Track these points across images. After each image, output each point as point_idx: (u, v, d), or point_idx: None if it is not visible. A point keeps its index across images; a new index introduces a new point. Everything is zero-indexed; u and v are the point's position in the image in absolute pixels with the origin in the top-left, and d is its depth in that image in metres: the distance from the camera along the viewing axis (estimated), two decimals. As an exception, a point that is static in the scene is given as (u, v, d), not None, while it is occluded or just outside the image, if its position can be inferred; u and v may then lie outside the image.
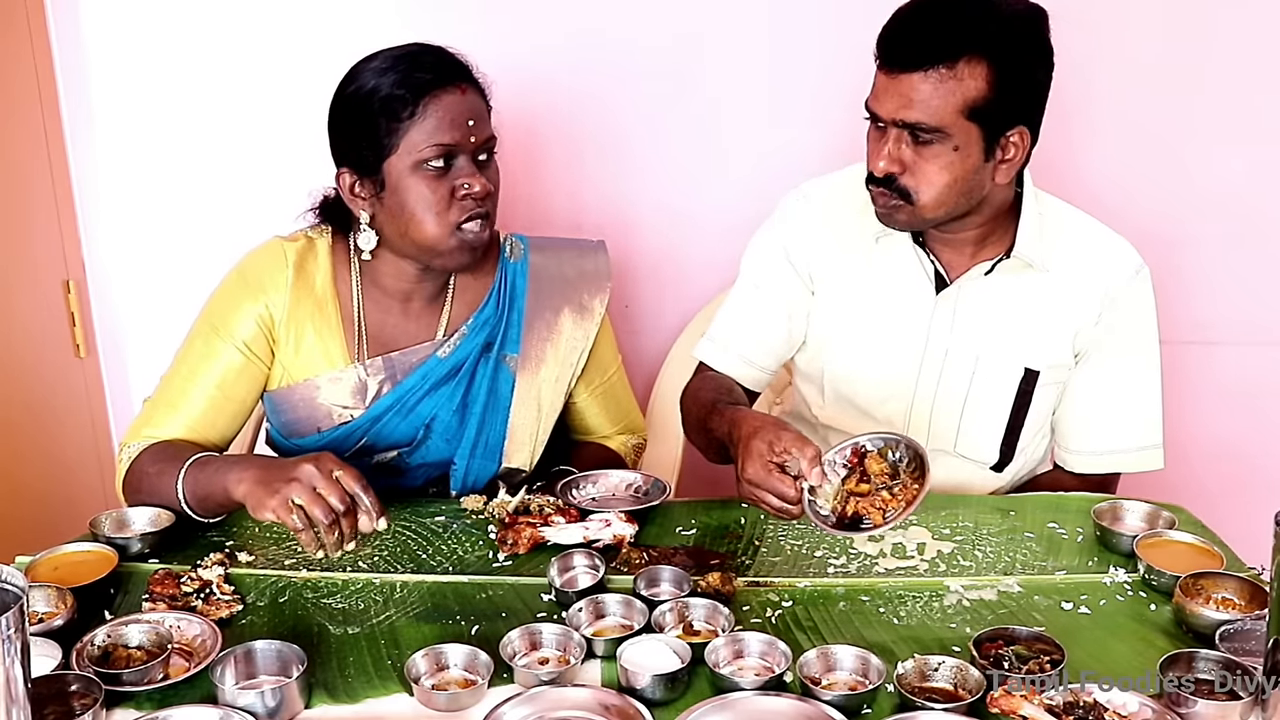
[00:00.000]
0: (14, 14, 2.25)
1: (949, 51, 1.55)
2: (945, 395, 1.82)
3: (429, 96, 1.58)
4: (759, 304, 1.87)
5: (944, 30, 1.55)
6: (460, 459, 1.78)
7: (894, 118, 1.59)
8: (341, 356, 1.73)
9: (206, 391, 1.69)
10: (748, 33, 2.33)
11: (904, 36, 1.57)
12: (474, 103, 1.62)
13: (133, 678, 1.25)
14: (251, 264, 1.73)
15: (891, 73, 1.58)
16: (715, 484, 2.01)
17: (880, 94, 1.60)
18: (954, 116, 1.57)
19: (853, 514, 1.46)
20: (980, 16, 1.56)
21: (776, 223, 1.87)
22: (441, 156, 1.59)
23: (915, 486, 1.43)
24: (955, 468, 1.86)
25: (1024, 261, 1.74)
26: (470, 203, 1.62)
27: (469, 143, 1.61)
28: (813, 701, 1.22)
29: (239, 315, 1.70)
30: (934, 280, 1.78)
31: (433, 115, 1.58)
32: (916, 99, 1.57)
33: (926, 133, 1.59)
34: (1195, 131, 2.34)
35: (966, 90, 1.56)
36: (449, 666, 1.30)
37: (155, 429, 1.69)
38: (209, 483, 1.55)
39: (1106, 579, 1.51)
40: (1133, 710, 1.19)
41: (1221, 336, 2.47)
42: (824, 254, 1.82)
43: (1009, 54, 1.56)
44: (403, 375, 1.74)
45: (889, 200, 1.65)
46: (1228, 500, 1.99)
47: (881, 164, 1.62)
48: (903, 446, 1.49)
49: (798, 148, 2.35)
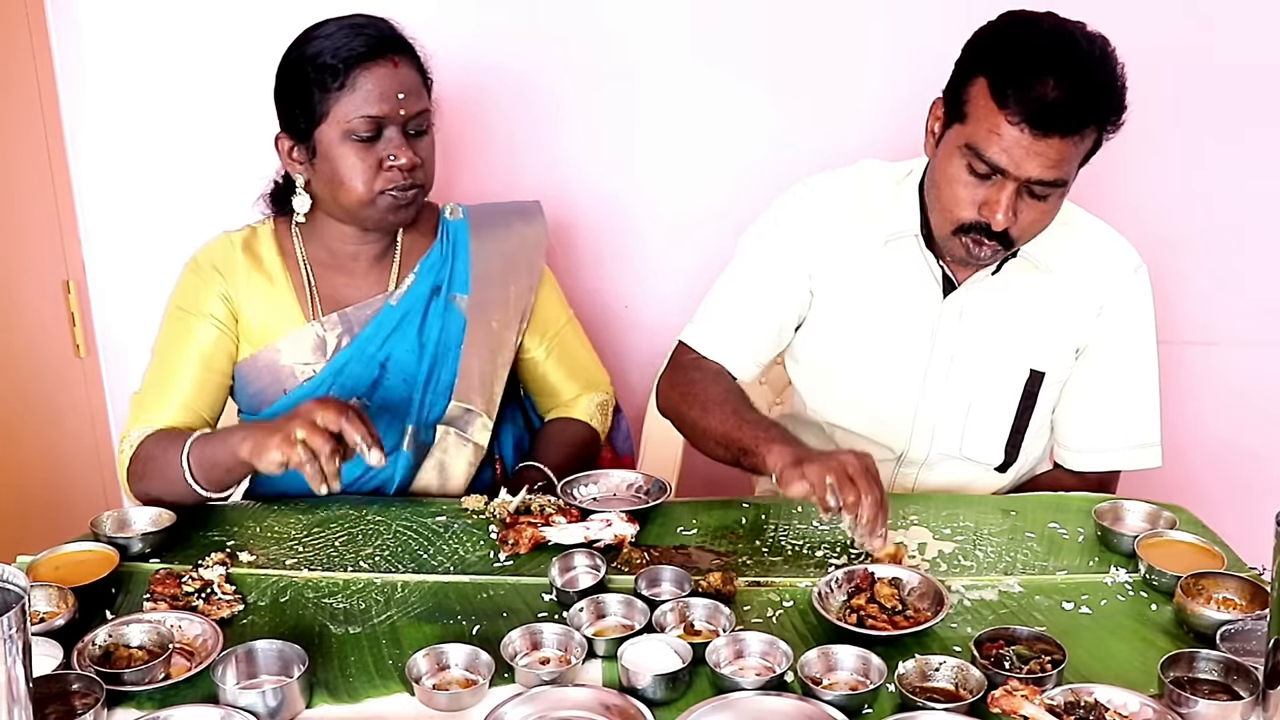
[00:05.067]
0: (14, 14, 2.25)
1: (1092, 118, 1.56)
2: (951, 398, 1.82)
3: (360, 68, 1.63)
4: (755, 295, 1.84)
5: (1090, 100, 1.55)
6: (415, 393, 1.81)
7: (1033, 177, 1.57)
8: (298, 319, 1.78)
9: (191, 369, 1.75)
10: (747, 26, 2.32)
11: (1062, 104, 1.52)
12: (406, 76, 1.65)
13: (134, 677, 1.25)
14: (203, 253, 1.81)
15: (1038, 135, 1.54)
16: (716, 484, 2.01)
17: (1014, 152, 1.55)
18: (1074, 169, 1.61)
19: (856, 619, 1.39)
20: (1110, 82, 1.57)
21: (777, 216, 1.84)
22: (370, 128, 1.63)
23: (928, 614, 1.39)
24: (959, 469, 1.87)
25: (1030, 262, 1.75)
26: (397, 174, 1.66)
27: (398, 115, 1.65)
28: (813, 701, 1.22)
29: (204, 294, 1.77)
30: (941, 283, 1.77)
31: (362, 87, 1.63)
32: (1059, 159, 1.56)
33: (1052, 186, 1.59)
34: (1196, 130, 2.34)
35: (1086, 146, 1.60)
36: (450, 666, 1.30)
37: (151, 416, 1.73)
38: (214, 451, 1.60)
39: (1107, 579, 1.51)
40: (1133, 710, 1.20)
41: (1222, 336, 2.47)
42: (826, 253, 1.81)
43: (1117, 110, 1.59)
44: (359, 327, 1.79)
45: (995, 248, 1.65)
46: (1228, 500, 1.99)
47: (1001, 218, 1.59)
48: (918, 579, 1.45)
49: (799, 148, 2.34)
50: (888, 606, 1.40)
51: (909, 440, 1.85)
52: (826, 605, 1.40)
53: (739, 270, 1.87)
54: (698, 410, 1.73)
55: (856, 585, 1.44)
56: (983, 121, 1.57)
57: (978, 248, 1.65)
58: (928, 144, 1.71)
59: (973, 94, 1.59)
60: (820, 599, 1.40)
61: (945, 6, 2.11)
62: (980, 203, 1.61)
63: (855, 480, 1.44)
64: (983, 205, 1.61)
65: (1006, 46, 1.58)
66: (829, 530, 1.63)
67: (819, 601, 1.40)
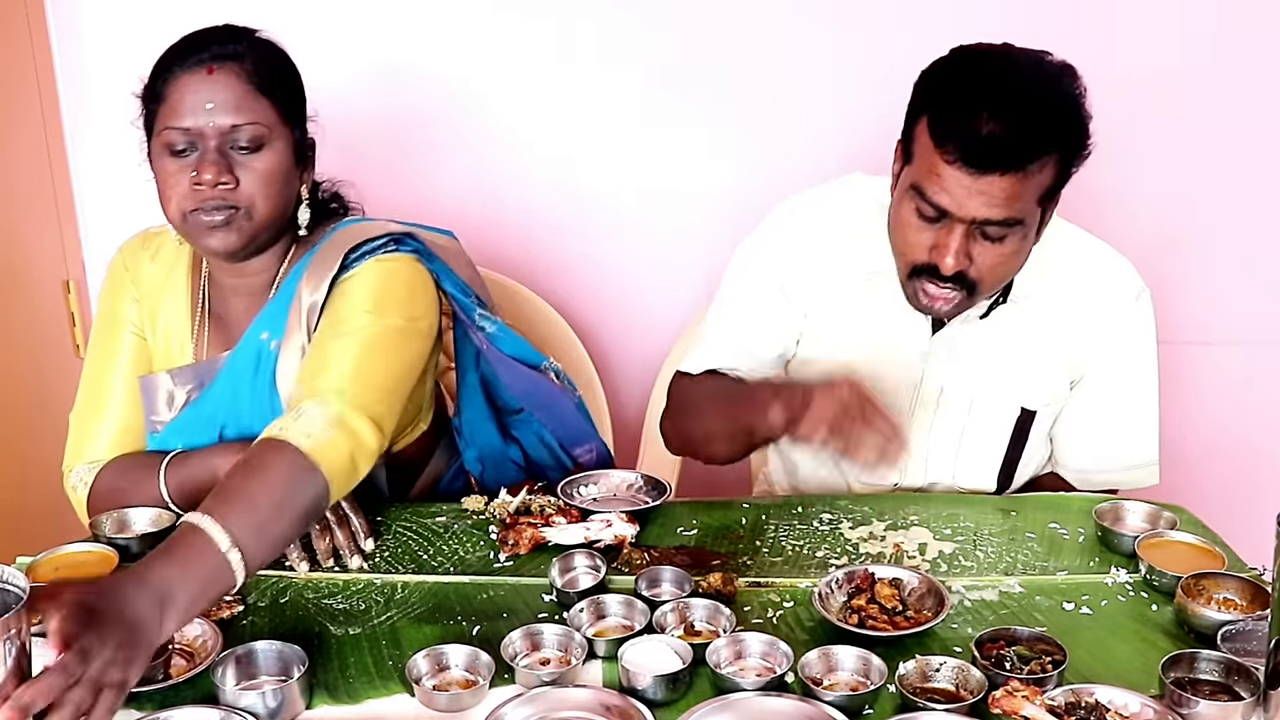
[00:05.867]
0: (14, 14, 2.25)
1: (1037, 152, 1.48)
2: (941, 429, 1.79)
3: (170, 78, 1.54)
4: (752, 316, 1.79)
5: (1033, 134, 1.48)
6: None
7: (978, 217, 1.51)
8: (182, 353, 1.68)
9: (119, 390, 1.68)
10: (727, 28, 2.32)
11: (998, 140, 1.46)
12: (224, 85, 1.52)
13: (134, 678, 1.25)
14: (115, 257, 1.74)
15: (974, 173, 1.48)
16: (715, 484, 2.01)
17: (955, 192, 1.49)
18: (1031, 207, 1.53)
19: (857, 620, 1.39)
20: (1057, 114, 1.50)
21: (765, 239, 1.79)
22: (180, 141, 1.52)
23: (928, 614, 1.39)
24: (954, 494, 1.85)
25: (1022, 303, 1.72)
26: (205, 191, 1.52)
27: (208, 128, 1.51)
28: (814, 702, 1.21)
29: (119, 304, 1.71)
30: (930, 319, 1.73)
31: (170, 97, 1.53)
32: (1005, 198, 1.49)
33: (1004, 226, 1.52)
34: (1195, 129, 2.34)
35: (1043, 181, 1.52)
36: (450, 667, 1.30)
37: (90, 448, 1.67)
38: (196, 477, 1.56)
39: (1108, 579, 1.51)
40: (1134, 710, 1.19)
41: (1222, 336, 2.47)
42: (815, 279, 1.76)
43: (1076, 143, 1.53)
44: (208, 381, 1.64)
45: (951, 293, 1.58)
46: (1229, 500, 1.98)
47: (950, 261, 1.53)
48: (918, 579, 1.44)
49: (781, 160, 2.33)
50: (888, 607, 1.40)
51: (902, 471, 1.81)
52: (827, 606, 1.40)
53: (730, 296, 1.82)
54: (694, 423, 1.70)
55: (857, 586, 1.44)
56: (924, 162, 1.53)
57: (928, 296, 1.59)
58: (891, 184, 1.66)
59: (917, 133, 1.55)
60: (821, 600, 1.40)
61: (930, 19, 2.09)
62: (930, 245, 1.56)
63: (849, 415, 1.41)
64: (932, 248, 1.56)
65: (946, 83, 1.54)
66: (829, 530, 1.63)
67: (819, 602, 1.40)
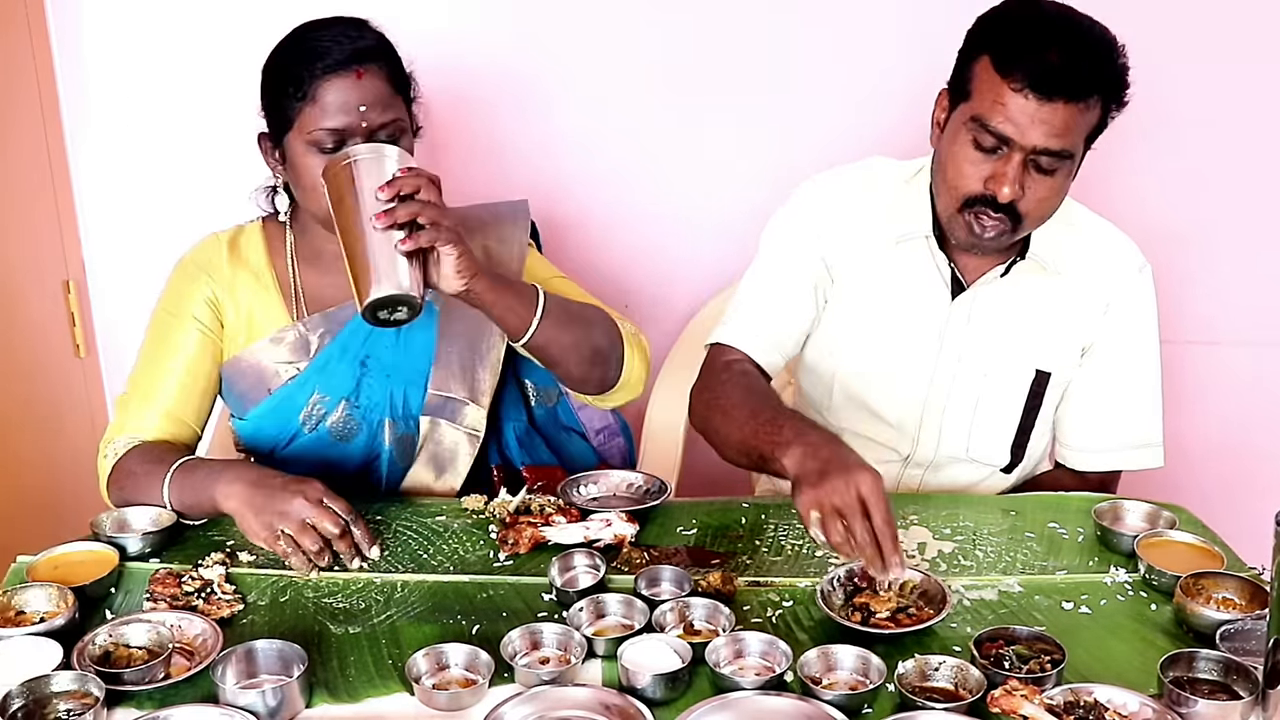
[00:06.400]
0: (14, 14, 2.24)
1: (1094, 86, 1.57)
2: (958, 399, 1.82)
3: (321, 80, 1.59)
4: (783, 283, 1.82)
5: (1092, 67, 1.56)
6: (397, 387, 1.78)
7: (1038, 145, 1.57)
8: (282, 318, 1.77)
9: (176, 376, 1.74)
10: (751, 21, 2.32)
11: (1063, 68, 1.54)
12: (371, 87, 1.59)
13: (134, 677, 1.25)
14: (190, 255, 1.80)
15: (1041, 99, 1.55)
16: (715, 484, 2.01)
17: (1019, 120, 1.56)
18: (1079, 143, 1.61)
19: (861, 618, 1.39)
20: (1110, 56, 1.59)
21: (798, 207, 1.84)
22: (332, 140, 1.59)
23: (930, 610, 1.39)
24: (965, 471, 1.87)
25: (1037, 263, 1.75)
26: None
27: (360, 127, 1.59)
28: (813, 701, 1.22)
29: (189, 297, 1.76)
30: (950, 284, 1.77)
31: (322, 99, 1.59)
32: (1064, 127, 1.56)
33: (1058, 158, 1.59)
34: (1200, 129, 2.34)
35: (1090, 119, 1.59)
36: (450, 666, 1.30)
37: (134, 424, 1.73)
38: (196, 490, 1.59)
39: (1107, 579, 1.51)
40: (1133, 710, 1.20)
41: (1224, 336, 2.47)
42: (843, 247, 1.81)
43: (1121, 86, 1.61)
44: (340, 327, 1.76)
45: (1001, 225, 1.63)
46: (1228, 500, 1.99)
47: (1007, 190, 1.59)
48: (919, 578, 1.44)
49: (804, 145, 2.34)
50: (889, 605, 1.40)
51: (915, 442, 1.85)
52: (829, 604, 1.40)
53: (765, 263, 1.86)
54: (720, 417, 1.70)
55: (856, 584, 1.44)
56: (987, 94, 1.59)
57: (980, 225, 1.64)
58: (933, 135, 1.72)
59: (976, 71, 1.61)
60: (824, 598, 1.40)
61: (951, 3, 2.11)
62: (987, 177, 1.62)
63: (844, 516, 1.35)
64: (989, 179, 1.61)
65: (1009, 24, 1.61)
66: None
67: (822, 600, 1.40)
